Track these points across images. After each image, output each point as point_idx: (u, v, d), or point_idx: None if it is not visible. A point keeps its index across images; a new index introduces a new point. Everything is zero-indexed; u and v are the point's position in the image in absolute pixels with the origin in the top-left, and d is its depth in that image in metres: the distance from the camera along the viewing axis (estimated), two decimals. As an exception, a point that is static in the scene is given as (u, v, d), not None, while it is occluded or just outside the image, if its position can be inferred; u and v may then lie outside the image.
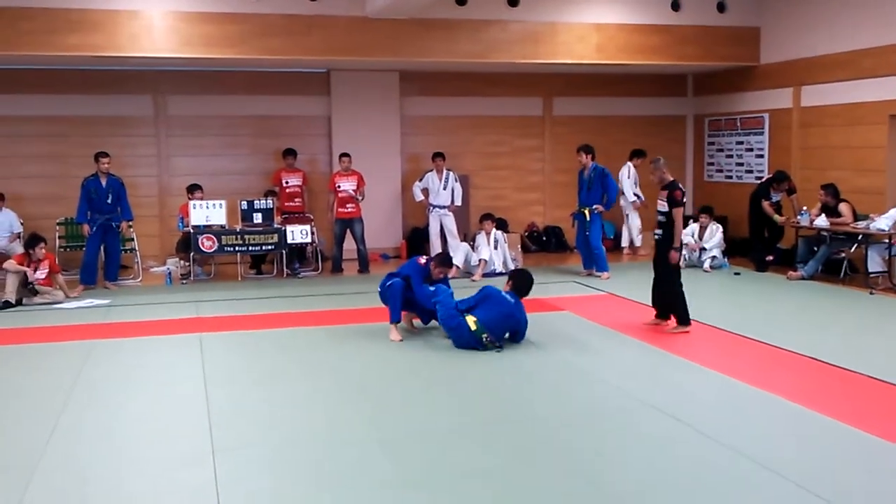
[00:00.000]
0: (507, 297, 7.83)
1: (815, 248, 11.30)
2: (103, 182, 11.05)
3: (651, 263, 8.65)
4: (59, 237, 11.56)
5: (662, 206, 8.19)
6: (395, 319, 8.07)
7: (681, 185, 8.32)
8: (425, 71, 13.89)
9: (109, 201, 11.08)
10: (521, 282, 8.04)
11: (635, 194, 13.68)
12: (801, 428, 5.49)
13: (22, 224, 12.02)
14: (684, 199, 8.31)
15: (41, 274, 10.08)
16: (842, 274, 11.08)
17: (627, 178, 13.66)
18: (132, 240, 12.01)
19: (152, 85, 13.06)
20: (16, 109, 12.56)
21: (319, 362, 7.31)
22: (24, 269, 9.91)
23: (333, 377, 6.85)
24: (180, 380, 6.77)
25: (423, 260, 8.37)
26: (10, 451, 5.20)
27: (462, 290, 10.37)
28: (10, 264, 9.96)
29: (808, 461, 4.91)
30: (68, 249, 11.95)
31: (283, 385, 6.63)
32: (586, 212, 11.70)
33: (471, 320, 7.59)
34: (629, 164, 13.79)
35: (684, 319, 8.24)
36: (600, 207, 11.70)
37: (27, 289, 9.94)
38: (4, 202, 11.93)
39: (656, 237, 8.32)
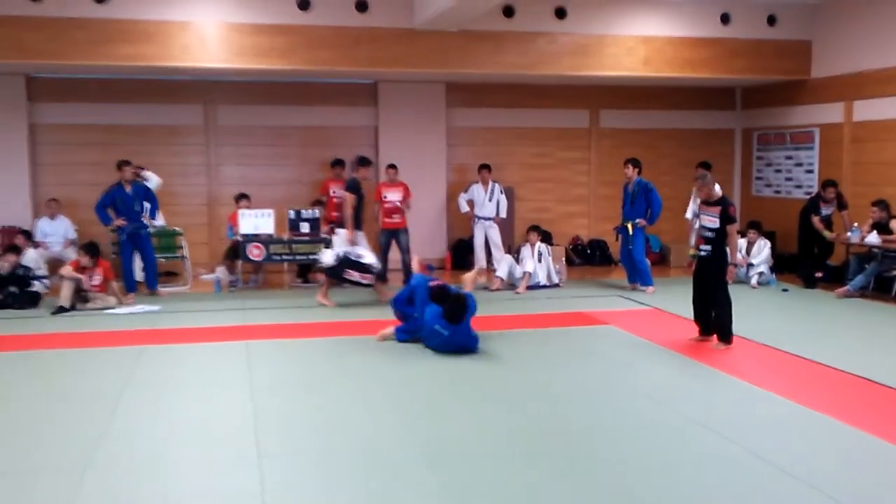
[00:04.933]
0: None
1: (866, 266, 11.12)
2: (128, 190, 11.02)
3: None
4: (112, 244, 11.76)
5: (712, 222, 8.08)
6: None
7: (729, 199, 8.22)
8: (472, 82, 13.93)
9: (137, 209, 11.05)
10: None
11: None
12: (848, 447, 5.42)
13: (76, 230, 12.28)
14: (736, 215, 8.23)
15: (95, 280, 10.28)
16: (893, 292, 10.88)
17: None
18: (182, 247, 12.18)
19: (203, 95, 13.28)
20: (70, 118, 12.86)
21: (364, 370, 7.36)
22: (79, 276, 10.11)
23: (378, 385, 6.89)
24: (227, 386, 6.84)
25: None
26: (62, 453, 5.30)
27: (505, 303, 10.42)
28: (67, 270, 10.17)
29: (857, 481, 4.85)
30: (119, 255, 12.11)
31: (329, 392, 6.68)
32: (629, 226, 11.63)
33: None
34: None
35: (727, 337, 8.15)
36: (643, 221, 11.62)
37: (79, 295, 10.14)
38: (59, 208, 12.20)
39: (702, 254, 8.23)
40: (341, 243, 10.67)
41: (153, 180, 12.03)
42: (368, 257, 10.35)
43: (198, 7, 11.31)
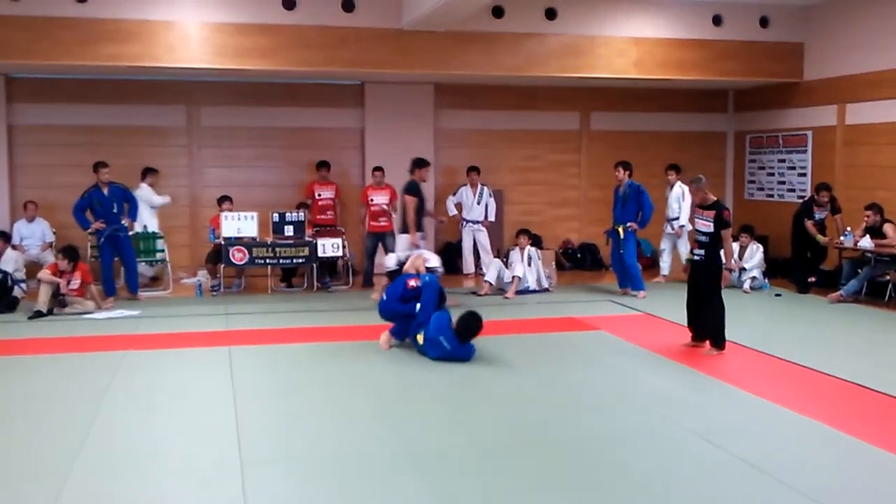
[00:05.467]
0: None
1: (859, 270, 11.00)
2: (105, 192, 10.79)
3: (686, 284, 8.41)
4: (91, 247, 11.53)
5: (706, 226, 7.95)
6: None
7: (723, 203, 8.07)
8: (461, 84, 13.77)
9: (115, 211, 10.84)
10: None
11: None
12: (842, 455, 5.35)
13: (54, 233, 12.07)
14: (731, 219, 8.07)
15: (74, 284, 10.06)
16: (886, 297, 10.78)
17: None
18: (163, 251, 11.98)
19: (186, 96, 13.09)
20: (51, 119, 12.65)
21: (349, 377, 7.24)
22: (58, 280, 9.90)
23: (364, 391, 6.79)
24: (209, 392, 6.75)
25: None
26: (42, 461, 5.22)
27: (494, 308, 10.27)
28: (44, 274, 9.97)
29: (848, 488, 4.79)
30: (98, 259, 11.88)
31: (312, 399, 6.58)
32: (620, 229, 11.47)
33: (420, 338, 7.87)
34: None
35: (719, 342, 8.02)
36: (634, 225, 11.47)
37: (56, 299, 9.92)
38: (38, 211, 11.98)
39: (696, 258, 8.08)
40: (404, 246, 10.55)
41: (164, 198, 12.16)
42: (433, 260, 10.11)
43: (182, 6, 11.12)
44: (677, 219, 12.31)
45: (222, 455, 5.27)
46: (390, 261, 10.20)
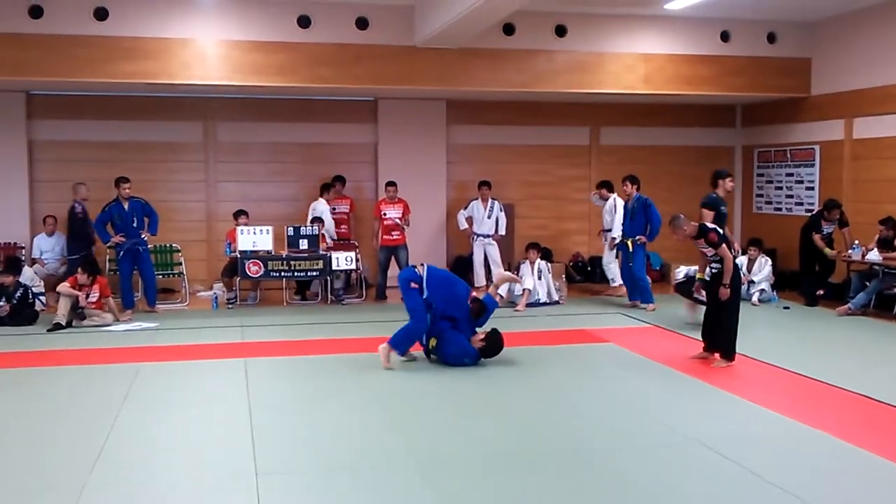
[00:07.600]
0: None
1: (868, 283, 11.07)
2: (125, 206, 10.99)
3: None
4: (109, 260, 11.71)
5: (708, 251, 8.06)
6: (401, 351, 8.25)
7: (707, 225, 8.13)
8: (472, 100, 13.94)
9: (135, 225, 11.03)
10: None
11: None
12: (850, 467, 5.37)
13: (73, 247, 12.23)
14: (721, 233, 8.13)
15: (92, 297, 10.22)
16: (894, 310, 10.82)
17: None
18: (180, 264, 12.15)
19: (203, 112, 13.27)
20: (70, 135, 12.85)
21: (362, 388, 7.31)
22: (77, 293, 10.06)
23: (376, 403, 6.85)
24: (225, 403, 6.82)
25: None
26: (59, 470, 5.28)
27: (504, 321, 10.36)
28: (64, 287, 10.12)
29: (858, 501, 4.80)
30: (117, 273, 12.05)
31: (326, 410, 6.64)
32: (629, 243, 11.59)
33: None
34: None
35: (729, 354, 8.09)
36: (643, 238, 11.58)
37: (76, 312, 10.09)
38: (57, 225, 12.17)
39: (713, 270, 8.17)
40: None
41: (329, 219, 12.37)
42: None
43: (198, 24, 11.32)
44: (610, 230, 12.33)
45: (237, 465, 5.32)
46: (679, 274, 10.41)
